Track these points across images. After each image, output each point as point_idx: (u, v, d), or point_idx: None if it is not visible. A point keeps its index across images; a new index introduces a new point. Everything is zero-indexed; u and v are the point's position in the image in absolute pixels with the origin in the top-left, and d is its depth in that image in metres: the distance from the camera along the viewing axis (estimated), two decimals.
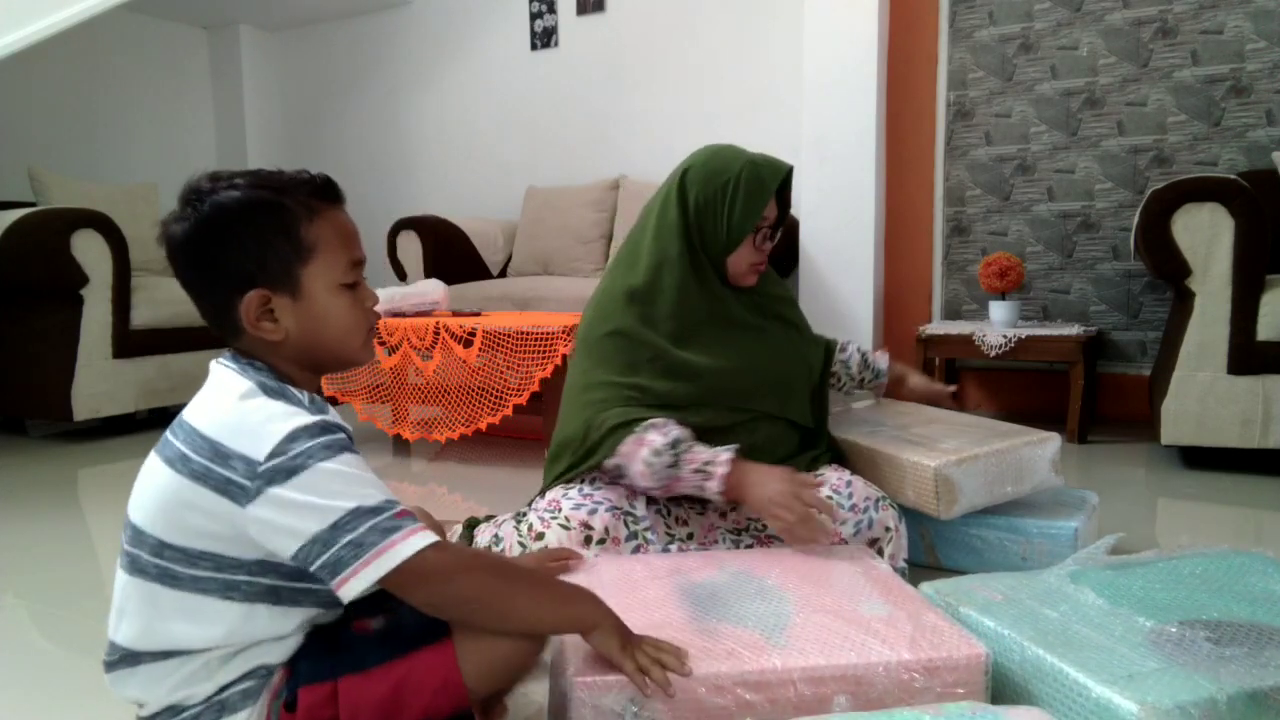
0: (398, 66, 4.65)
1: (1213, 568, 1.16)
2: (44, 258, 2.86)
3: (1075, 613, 1.02)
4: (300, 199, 0.88)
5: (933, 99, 3.28)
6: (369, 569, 0.79)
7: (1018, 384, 3.23)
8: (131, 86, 4.56)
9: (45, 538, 1.97)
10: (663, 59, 3.91)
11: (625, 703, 0.87)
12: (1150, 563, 1.19)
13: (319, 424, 0.82)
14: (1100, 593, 1.07)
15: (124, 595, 0.86)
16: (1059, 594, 1.08)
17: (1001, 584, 1.12)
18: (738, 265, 1.52)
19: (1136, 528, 1.90)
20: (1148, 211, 2.28)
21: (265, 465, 0.79)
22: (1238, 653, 0.90)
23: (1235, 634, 0.95)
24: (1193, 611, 1.02)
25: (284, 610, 0.86)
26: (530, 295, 3.40)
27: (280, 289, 0.87)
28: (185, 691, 0.84)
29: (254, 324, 0.87)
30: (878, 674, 0.91)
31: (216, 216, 0.85)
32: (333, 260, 0.89)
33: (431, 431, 2.59)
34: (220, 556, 0.83)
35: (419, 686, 0.84)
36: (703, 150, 1.56)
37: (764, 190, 1.48)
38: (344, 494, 0.80)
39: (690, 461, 1.31)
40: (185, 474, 0.82)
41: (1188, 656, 0.90)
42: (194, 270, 0.88)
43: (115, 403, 3.03)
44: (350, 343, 0.92)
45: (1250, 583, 1.10)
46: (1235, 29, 2.80)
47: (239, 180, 0.87)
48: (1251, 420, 2.21)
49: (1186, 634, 0.95)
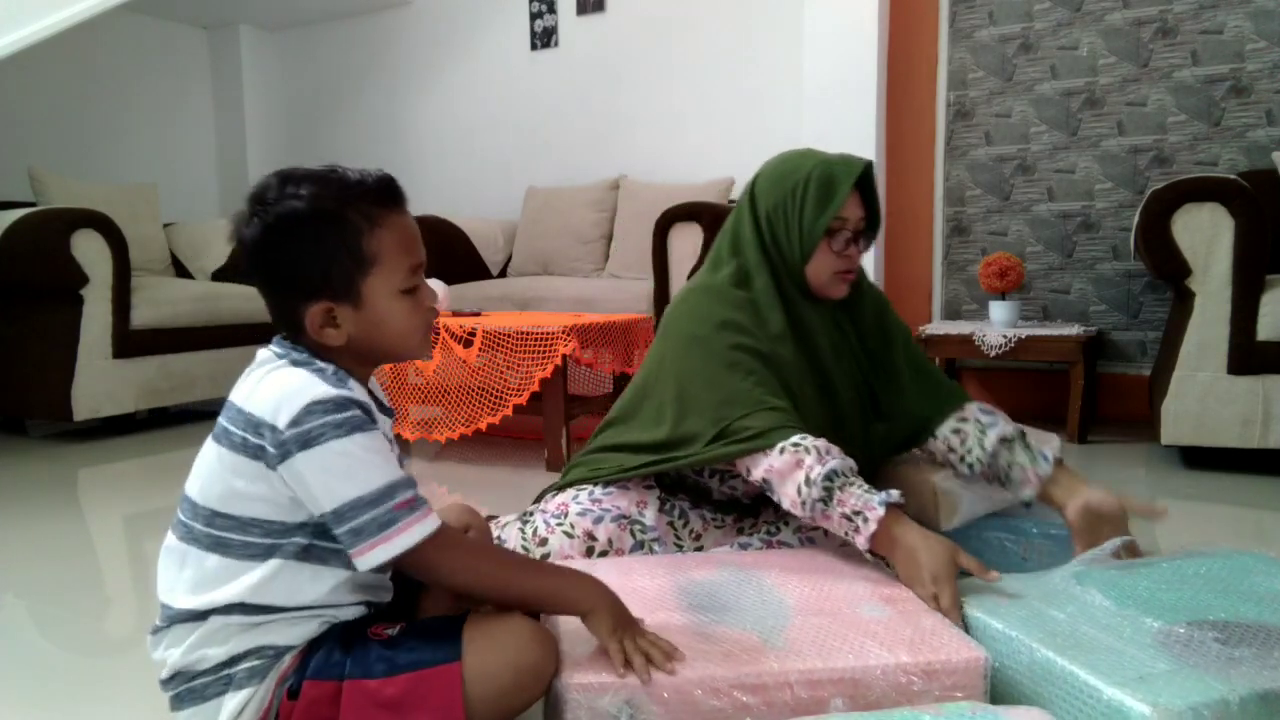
0: (398, 66, 4.65)
1: (1216, 568, 1.15)
2: (44, 258, 2.86)
3: (1082, 614, 1.01)
4: (362, 209, 0.90)
5: (933, 99, 3.28)
6: (371, 554, 0.85)
7: (1018, 384, 3.23)
8: (131, 86, 4.56)
9: (45, 538, 1.97)
10: (663, 59, 3.91)
11: (621, 705, 0.87)
12: (1154, 564, 1.18)
13: (336, 399, 0.85)
14: (1106, 594, 1.07)
15: (177, 562, 0.90)
16: (1065, 595, 1.07)
17: (1007, 586, 1.11)
18: (818, 275, 1.38)
19: (1136, 528, 1.90)
20: (1148, 211, 2.28)
21: (285, 434, 0.84)
22: (1247, 653, 0.89)
23: (1243, 634, 0.94)
24: (1199, 612, 1.01)
25: (313, 571, 0.90)
26: (530, 295, 3.40)
27: (343, 300, 0.91)
28: (199, 652, 0.88)
29: (317, 331, 0.91)
30: (875, 677, 0.91)
31: (281, 226, 0.89)
32: (393, 268, 0.91)
33: (431, 431, 2.59)
34: (269, 522, 0.88)
35: (420, 704, 0.84)
36: (773, 158, 1.46)
37: (836, 187, 1.34)
38: (348, 477, 0.84)
39: (842, 504, 1.15)
40: (227, 446, 0.88)
41: (1197, 658, 0.89)
42: (259, 275, 0.92)
43: (115, 403, 3.03)
44: (409, 342, 0.96)
45: (1255, 582, 1.10)
46: (1235, 29, 2.80)
47: (302, 189, 0.89)
48: (1251, 420, 2.21)
49: (1195, 635, 0.94)
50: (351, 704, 0.85)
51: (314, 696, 0.86)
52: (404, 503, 0.86)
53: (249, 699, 0.87)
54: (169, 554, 0.92)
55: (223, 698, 0.87)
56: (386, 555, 0.85)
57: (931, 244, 3.34)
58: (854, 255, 1.39)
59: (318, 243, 0.89)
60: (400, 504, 0.85)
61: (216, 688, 0.88)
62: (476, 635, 0.89)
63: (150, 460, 2.79)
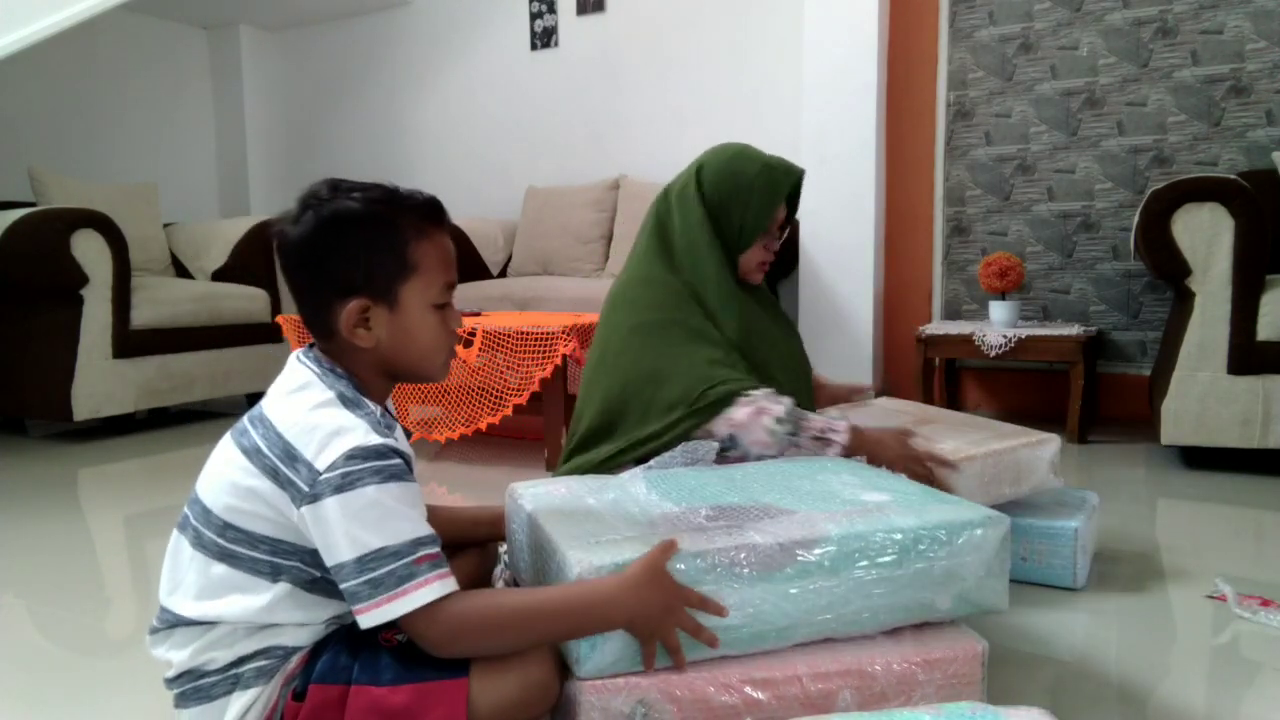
0: (398, 66, 4.65)
1: (790, 470, 1.22)
2: (44, 258, 2.86)
3: (612, 501, 1.09)
4: (411, 219, 0.93)
5: (933, 99, 3.28)
6: (379, 610, 0.82)
7: (1018, 384, 3.23)
8: (131, 86, 4.56)
9: (45, 538, 1.97)
10: (663, 59, 3.91)
11: (634, 704, 0.88)
12: (738, 466, 1.27)
13: (379, 447, 0.85)
14: (653, 486, 1.15)
15: (183, 567, 0.90)
16: (614, 486, 1.16)
17: (580, 483, 1.19)
18: (748, 264, 1.58)
19: (1136, 528, 1.90)
20: (1148, 211, 2.28)
21: (323, 476, 0.83)
22: (717, 526, 0.98)
23: (733, 514, 1.02)
24: (724, 499, 1.08)
25: (318, 600, 0.90)
26: (530, 295, 3.40)
27: (380, 300, 0.92)
28: (207, 655, 0.88)
29: (350, 330, 0.91)
30: (880, 669, 0.94)
31: (334, 223, 0.90)
32: (431, 280, 0.94)
33: (431, 431, 2.59)
34: (280, 542, 0.88)
35: (425, 714, 0.84)
36: (718, 149, 1.59)
37: (777, 194, 1.54)
38: (377, 528, 0.83)
39: (807, 429, 1.35)
40: (258, 466, 0.87)
41: (671, 529, 0.98)
42: (303, 271, 0.93)
43: (115, 403, 3.03)
44: (433, 360, 0.98)
45: (816, 480, 1.16)
46: (1235, 29, 2.80)
47: (357, 192, 0.92)
48: (1251, 420, 2.21)
49: (688, 514, 1.03)
50: (357, 709, 0.85)
51: (320, 699, 0.86)
52: (425, 558, 0.84)
53: (255, 699, 0.87)
54: (175, 557, 0.92)
55: (229, 697, 0.87)
56: (396, 614, 0.81)
57: (931, 244, 3.34)
58: (775, 249, 1.60)
59: (365, 241, 0.91)
60: (422, 559, 0.84)
61: (223, 687, 0.88)
62: None
63: (150, 460, 2.79)
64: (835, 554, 0.94)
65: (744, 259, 1.56)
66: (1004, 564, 1.01)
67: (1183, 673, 1.23)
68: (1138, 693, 1.16)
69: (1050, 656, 1.28)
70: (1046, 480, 1.55)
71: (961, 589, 0.98)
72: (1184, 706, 1.12)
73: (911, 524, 0.97)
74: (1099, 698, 1.15)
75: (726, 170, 1.55)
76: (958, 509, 1.03)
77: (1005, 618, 1.35)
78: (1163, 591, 1.52)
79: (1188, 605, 1.46)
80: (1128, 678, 1.20)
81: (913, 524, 0.97)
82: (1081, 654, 1.29)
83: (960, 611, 0.99)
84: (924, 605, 0.97)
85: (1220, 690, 1.17)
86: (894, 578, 0.95)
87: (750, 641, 0.92)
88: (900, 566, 0.95)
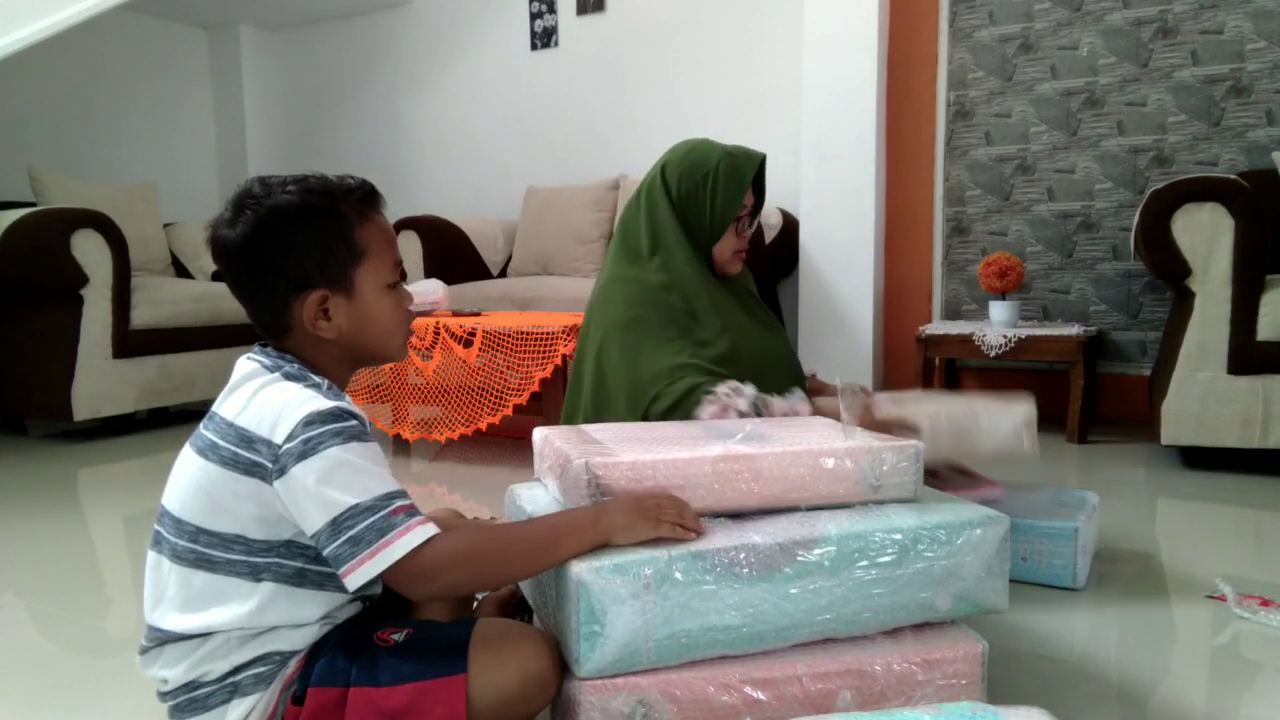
0: (398, 66, 4.65)
1: None
2: (44, 258, 2.86)
3: None
4: (350, 204, 0.94)
5: (933, 99, 3.28)
6: (365, 566, 0.82)
7: (1018, 384, 3.22)
8: (131, 86, 4.56)
9: (45, 538, 1.97)
10: (662, 59, 3.91)
11: (634, 704, 0.88)
12: None
13: (333, 410, 0.86)
14: None
15: (162, 581, 0.89)
16: None
17: None
18: (723, 254, 1.60)
19: (1136, 528, 1.90)
20: (1148, 211, 2.28)
21: (284, 448, 0.83)
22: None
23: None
24: None
25: (309, 594, 0.89)
26: (530, 295, 3.40)
27: (337, 289, 0.92)
28: (203, 668, 0.87)
29: (312, 323, 0.92)
30: (880, 669, 0.94)
31: (274, 220, 0.90)
32: (380, 262, 0.95)
33: (431, 431, 2.59)
34: (252, 540, 0.87)
35: (425, 714, 0.84)
36: (677, 146, 1.63)
37: (741, 180, 1.56)
38: (347, 486, 0.83)
39: (772, 414, 1.37)
40: (216, 461, 0.87)
41: None
42: (249, 273, 0.92)
43: (115, 403, 3.03)
44: (394, 340, 0.99)
45: None
46: (1235, 29, 2.80)
47: (290, 186, 0.92)
48: (1251, 420, 2.21)
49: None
50: (356, 711, 0.85)
51: (319, 703, 0.85)
52: (401, 508, 0.85)
53: (254, 706, 0.86)
54: (154, 573, 0.91)
55: (227, 706, 0.87)
56: (383, 565, 0.82)
57: (931, 244, 3.34)
58: (748, 237, 1.61)
59: (312, 233, 0.91)
60: (398, 509, 0.84)
61: (221, 696, 0.87)
62: (482, 645, 0.88)
63: (150, 460, 2.78)
64: (835, 554, 0.94)
65: (718, 250, 1.58)
66: (1004, 564, 1.01)
67: (1183, 673, 1.23)
68: (1138, 693, 1.17)
69: (1050, 656, 1.28)
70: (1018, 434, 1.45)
71: (961, 589, 0.98)
72: (1184, 706, 1.12)
73: (911, 524, 0.98)
74: (1099, 698, 1.15)
75: (688, 163, 1.57)
76: (958, 509, 1.03)
77: (1005, 618, 1.35)
78: (1163, 591, 1.52)
79: (1188, 605, 1.46)
80: (1128, 678, 1.20)
81: (912, 524, 0.98)
82: (1081, 654, 1.29)
83: (960, 611, 0.99)
84: (924, 605, 0.97)
85: (1220, 690, 1.17)
86: (894, 578, 0.95)
87: (750, 641, 0.92)
88: (900, 566, 0.96)
